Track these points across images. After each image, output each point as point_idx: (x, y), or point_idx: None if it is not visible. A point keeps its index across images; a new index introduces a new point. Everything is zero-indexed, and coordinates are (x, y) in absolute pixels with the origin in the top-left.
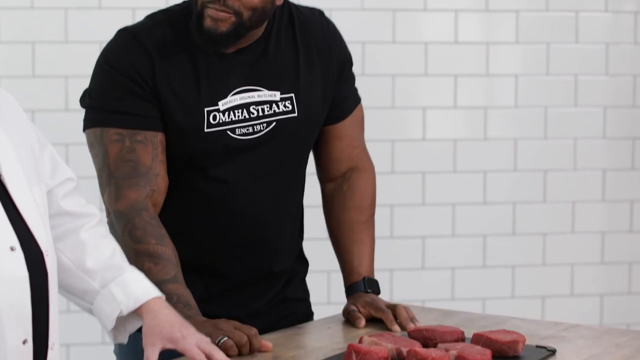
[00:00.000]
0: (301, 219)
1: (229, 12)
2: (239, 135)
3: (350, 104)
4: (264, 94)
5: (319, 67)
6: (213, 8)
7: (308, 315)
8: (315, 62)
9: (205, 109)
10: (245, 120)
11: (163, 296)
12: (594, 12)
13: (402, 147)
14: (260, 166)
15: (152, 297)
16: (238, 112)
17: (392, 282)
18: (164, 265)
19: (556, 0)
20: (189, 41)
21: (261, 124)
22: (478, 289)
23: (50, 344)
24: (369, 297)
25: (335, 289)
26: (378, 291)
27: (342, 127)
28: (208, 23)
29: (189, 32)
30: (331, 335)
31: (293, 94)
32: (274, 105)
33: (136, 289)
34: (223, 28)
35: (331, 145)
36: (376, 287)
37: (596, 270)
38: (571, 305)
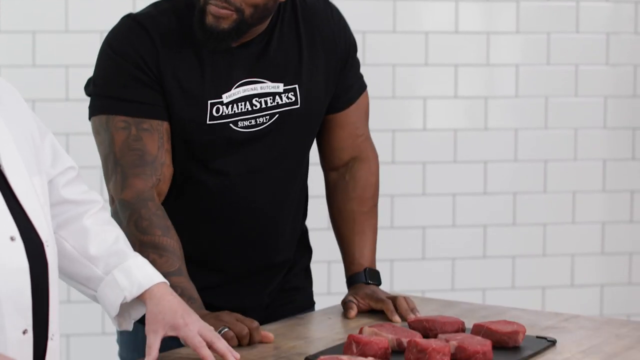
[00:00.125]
0: (305, 207)
1: (230, 9)
2: (241, 127)
3: (355, 92)
4: (267, 86)
5: (322, 57)
6: (215, 5)
7: (309, 304)
8: (319, 52)
9: (209, 102)
10: (247, 112)
11: (167, 282)
12: (594, 2)
13: (403, 137)
14: (262, 158)
15: (156, 283)
16: (241, 105)
17: (393, 273)
18: (169, 258)
19: None
20: (193, 32)
21: (264, 116)
22: (478, 280)
23: (50, 335)
24: (369, 289)
25: (335, 280)
26: (379, 282)
27: (346, 116)
28: (210, 20)
29: (192, 24)
30: (331, 326)
31: (297, 85)
32: (277, 97)
33: (140, 275)
34: (225, 25)
35: (334, 133)
36: (377, 278)
37: (596, 261)
38: (571, 295)
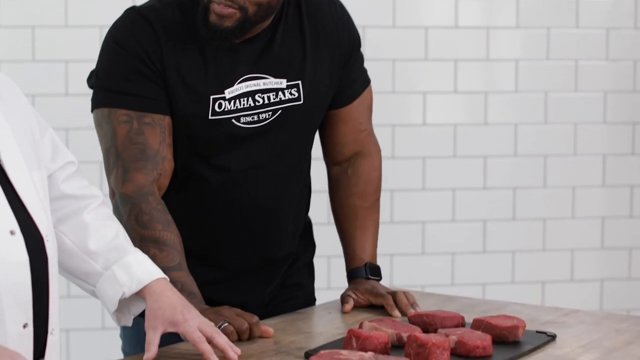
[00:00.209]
0: (307, 202)
1: (234, 8)
2: (244, 123)
3: (358, 86)
4: (270, 82)
5: (326, 52)
6: (218, 3)
7: (310, 301)
8: (322, 47)
9: (212, 97)
10: (250, 108)
11: (167, 278)
12: None
13: (403, 132)
14: (265, 154)
15: (156, 279)
16: (243, 100)
17: (392, 268)
18: (169, 252)
19: None
20: (197, 26)
21: (266, 112)
22: (478, 274)
23: (50, 329)
24: (369, 284)
25: (335, 274)
26: (380, 277)
27: (349, 111)
28: (213, 18)
29: (196, 18)
30: (331, 321)
31: (300, 82)
32: (279, 93)
33: (139, 270)
34: (228, 24)
35: (337, 128)
36: (378, 273)
37: (596, 256)
38: (571, 290)
